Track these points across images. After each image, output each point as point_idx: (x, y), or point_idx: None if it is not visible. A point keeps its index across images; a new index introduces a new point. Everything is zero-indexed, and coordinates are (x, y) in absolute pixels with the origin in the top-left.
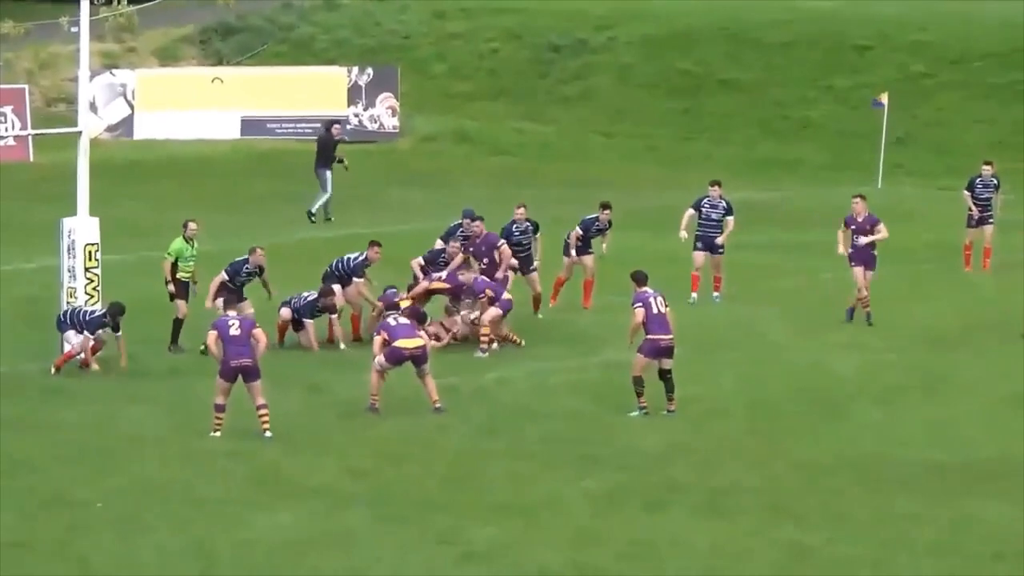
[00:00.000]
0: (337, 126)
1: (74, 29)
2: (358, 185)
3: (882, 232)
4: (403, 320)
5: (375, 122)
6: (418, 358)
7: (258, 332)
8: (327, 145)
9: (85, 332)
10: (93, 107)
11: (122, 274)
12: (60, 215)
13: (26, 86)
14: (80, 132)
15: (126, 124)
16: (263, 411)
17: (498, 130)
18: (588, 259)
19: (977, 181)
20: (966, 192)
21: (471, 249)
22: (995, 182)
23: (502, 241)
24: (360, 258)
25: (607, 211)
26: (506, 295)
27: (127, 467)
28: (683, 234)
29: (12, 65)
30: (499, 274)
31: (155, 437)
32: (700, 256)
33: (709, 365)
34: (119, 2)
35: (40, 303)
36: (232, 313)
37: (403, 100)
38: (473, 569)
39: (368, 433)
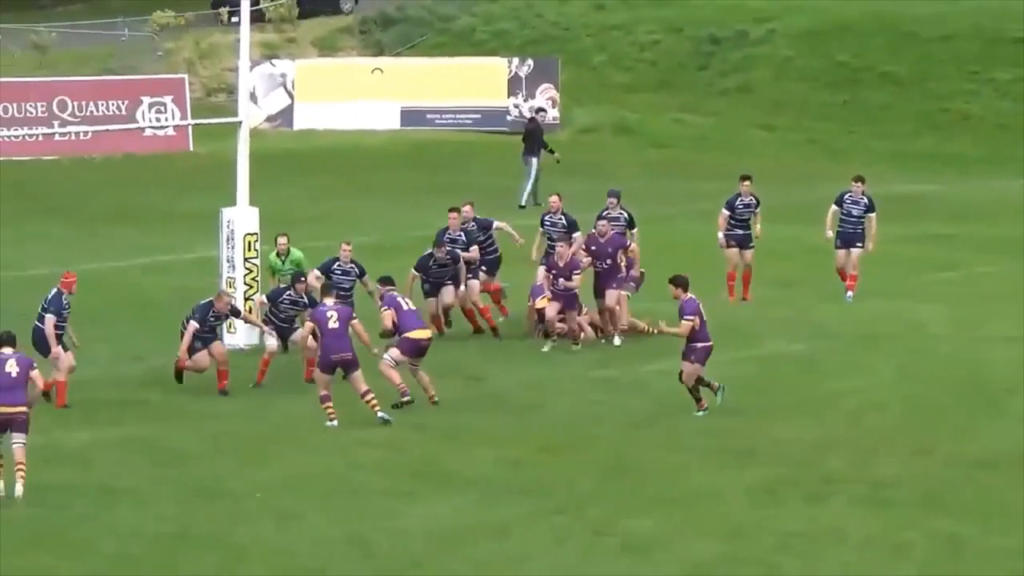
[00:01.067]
0: (542, 113)
1: (234, 19)
2: (519, 177)
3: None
4: (411, 304)
5: (535, 113)
6: (424, 350)
7: (356, 324)
8: (534, 133)
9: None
10: (253, 97)
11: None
12: (219, 205)
13: (186, 76)
14: (240, 122)
15: (285, 114)
16: (369, 397)
17: (657, 122)
18: (748, 253)
19: None
20: None
21: (594, 248)
22: None
23: (632, 243)
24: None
25: (747, 182)
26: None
27: (283, 458)
28: (829, 234)
29: (172, 55)
30: (634, 272)
31: (311, 428)
32: (842, 255)
33: (867, 358)
34: None
35: (199, 293)
36: (329, 303)
37: (563, 91)
38: (629, 561)
39: (526, 424)
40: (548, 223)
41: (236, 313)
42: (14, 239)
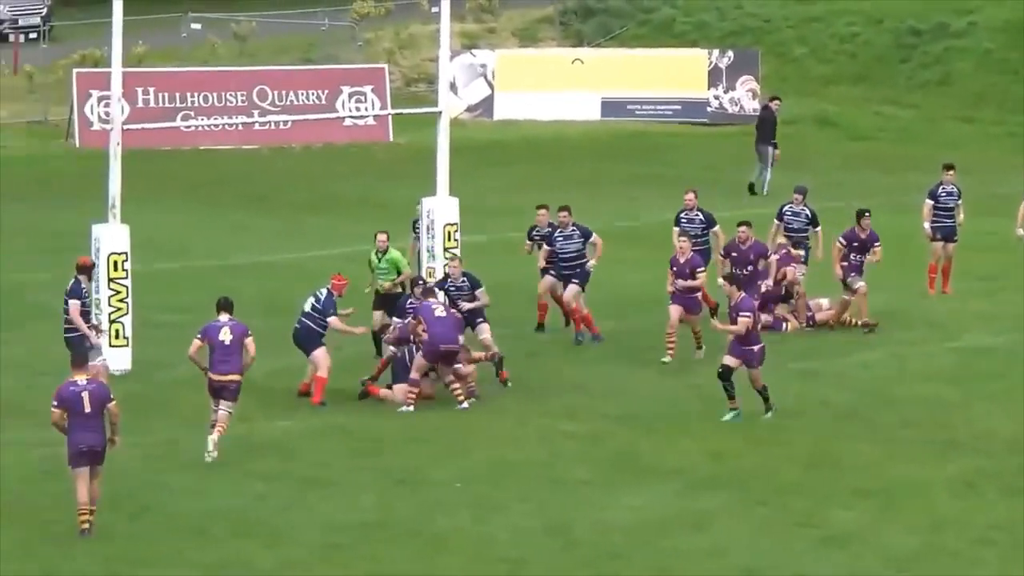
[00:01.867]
0: (776, 102)
1: (435, 9)
2: (720, 168)
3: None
4: (442, 312)
5: (735, 105)
6: (452, 357)
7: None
8: (767, 122)
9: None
10: (453, 87)
11: (479, 254)
12: (419, 195)
13: (386, 66)
14: (440, 112)
15: (486, 104)
16: (455, 385)
17: (858, 114)
18: (951, 247)
19: None
20: None
21: (734, 255)
22: None
23: (772, 253)
24: None
25: (950, 171)
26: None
27: (484, 448)
28: (1020, 232)
29: (372, 45)
30: (768, 282)
31: (512, 418)
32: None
33: None
34: None
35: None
36: (434, 299)
37: (764, 83)
38: (831, 553)
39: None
40: (684, 220)
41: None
42: (216, 228)
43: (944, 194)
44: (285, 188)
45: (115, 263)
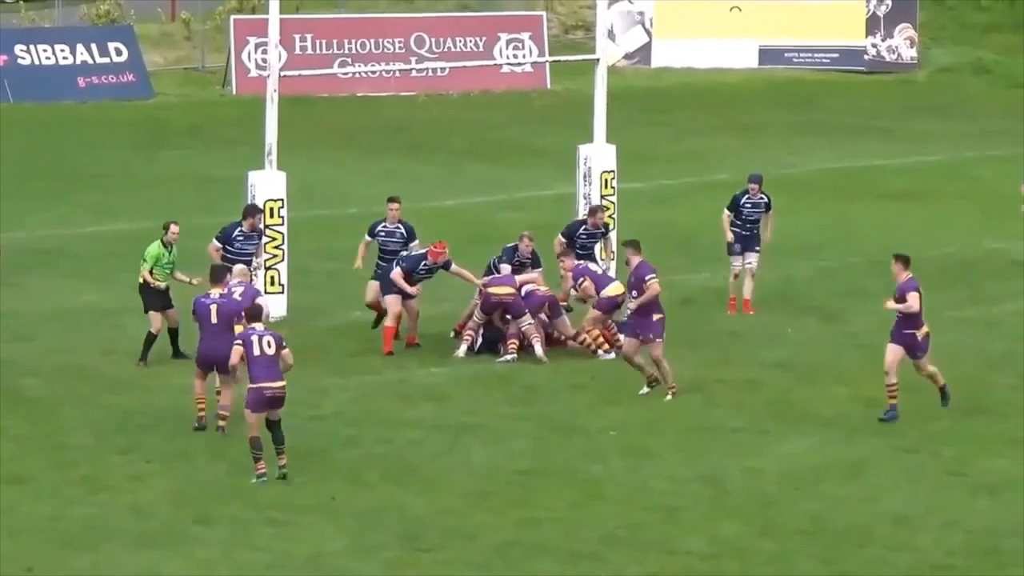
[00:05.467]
0: None
1: None
2: (878, 116)
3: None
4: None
5: (893, 53)
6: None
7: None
8: None
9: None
10: (611, 35)
11: (637, 202)
12: (577, 142)
13: (544, 13)
14: (597, 59)
15: (643, 52)
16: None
17: (1015, 62)
18: None
19: None
20: None
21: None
22: None
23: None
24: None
25: None
26: None
27: (638, 397)
28: None
29: None
30: None
31: (668, 361)
32: None
33: None
34: None
35: (554, 229)
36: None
37: (921, 31)
38: (982, 501)
39: (879, 361)
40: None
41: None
42: (373, 175)
43: None
44: (443, 135)
45: (271, 210)
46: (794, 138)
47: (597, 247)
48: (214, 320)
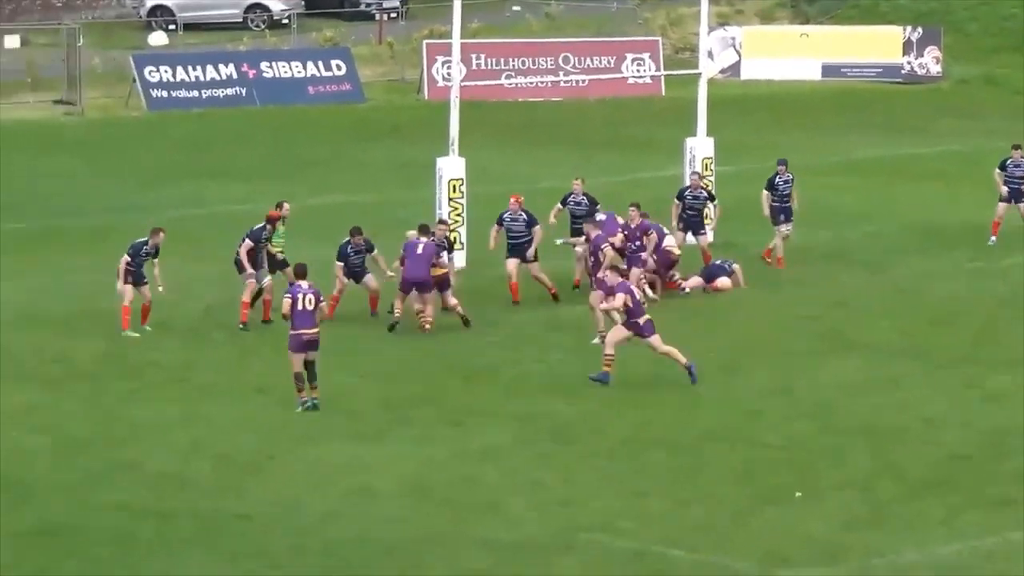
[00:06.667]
0: None
1: None
2: (912, 117)
3: None
4: None
5: (923, 68)
6: None
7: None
8: None
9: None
10: (710, 55)
11: (729, 182)
12: (684, 136)
13: (659, 38)
14: (700, 73)
15: (734, 68)
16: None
17: (1017, 76)
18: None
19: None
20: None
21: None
22: None
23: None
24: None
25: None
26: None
27: (734, 326)
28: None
29: (649, 22)
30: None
31: (752, 302)
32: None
33: None
34: None
35: (667, 203)
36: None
37: (945, 51)
38: (991, 407)
39: (916, 302)
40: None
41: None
42: (529, 161)
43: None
44: (582, 131)
45: (454, 186)
46: (848, 134)
47: (706, 210)
48: (419, 252)
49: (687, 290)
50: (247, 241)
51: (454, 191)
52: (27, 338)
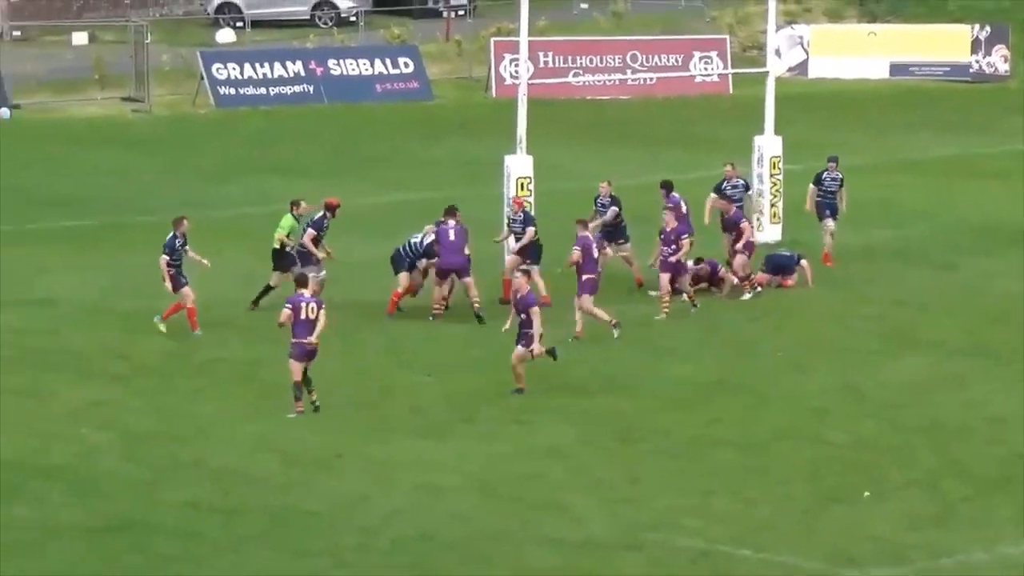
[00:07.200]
0: None
1: None
2: (978, 115)
3: None
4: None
5: (991, 67)
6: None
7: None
8: None
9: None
10: (777, 53)
11: (799, 181)
12: (750, 134)
13: (727, 36)
14: (767, 72)
15: (802, 66)
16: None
17: None
18: None
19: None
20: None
21: None
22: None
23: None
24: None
25: None
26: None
27: (801, 325)
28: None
29: (717, 20)
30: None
31: (816, 300)
32: None
33: None
34: None
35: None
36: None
37: (1012, 50)
38: None
39: (982, 299)
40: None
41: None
42: (597, 158)
43: None
44: (649, 129)
45: (521, 184)
46: (915, 133)
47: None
48: (452, 238)
49: (753, 290)
50: (310, 230)
51: (522, 189)
52: (91, 335)
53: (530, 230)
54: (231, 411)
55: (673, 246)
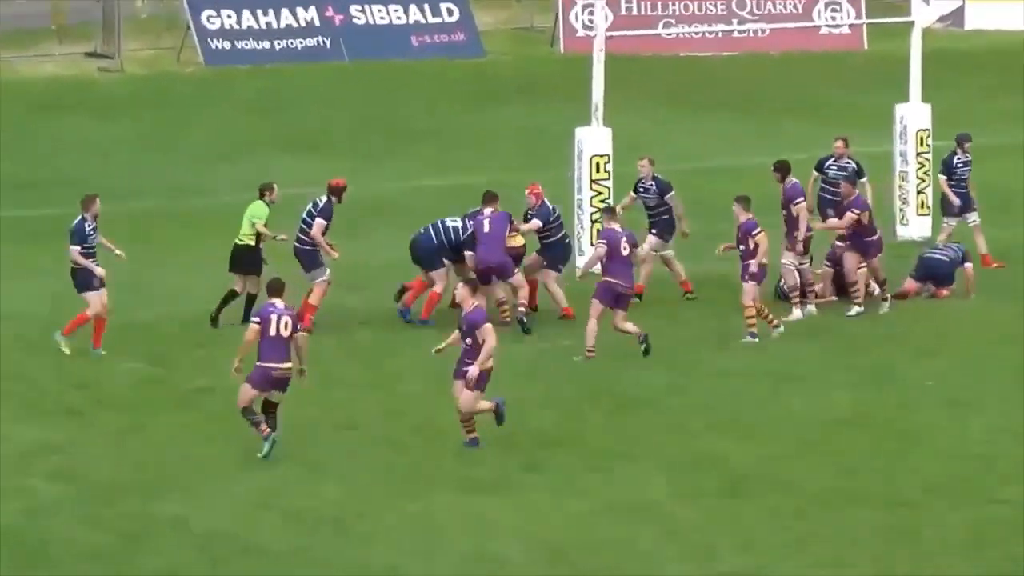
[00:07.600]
0: None
1: None
2: None
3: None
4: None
5: None
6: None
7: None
8: None
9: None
10: None
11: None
12: (893, 102)
13: None
14: (913, 22)
15: (957, 15)
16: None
17: None
18: None
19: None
20: None
21: None
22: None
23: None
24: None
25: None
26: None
27: (955, 348)
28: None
29: None
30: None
31: (977, 314)
32: None
33: None
34: None
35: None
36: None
37: None
38: None
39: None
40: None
41: None
42: (696, 132)
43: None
44: (762, 94)
45: (597, 164)
46: None
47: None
48: (487, 229)
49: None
50: (319, 220)
51: (597, 170)
52: (43, 358)
53: (535, 222)
54: (221, 457)
55: (742, 246)
